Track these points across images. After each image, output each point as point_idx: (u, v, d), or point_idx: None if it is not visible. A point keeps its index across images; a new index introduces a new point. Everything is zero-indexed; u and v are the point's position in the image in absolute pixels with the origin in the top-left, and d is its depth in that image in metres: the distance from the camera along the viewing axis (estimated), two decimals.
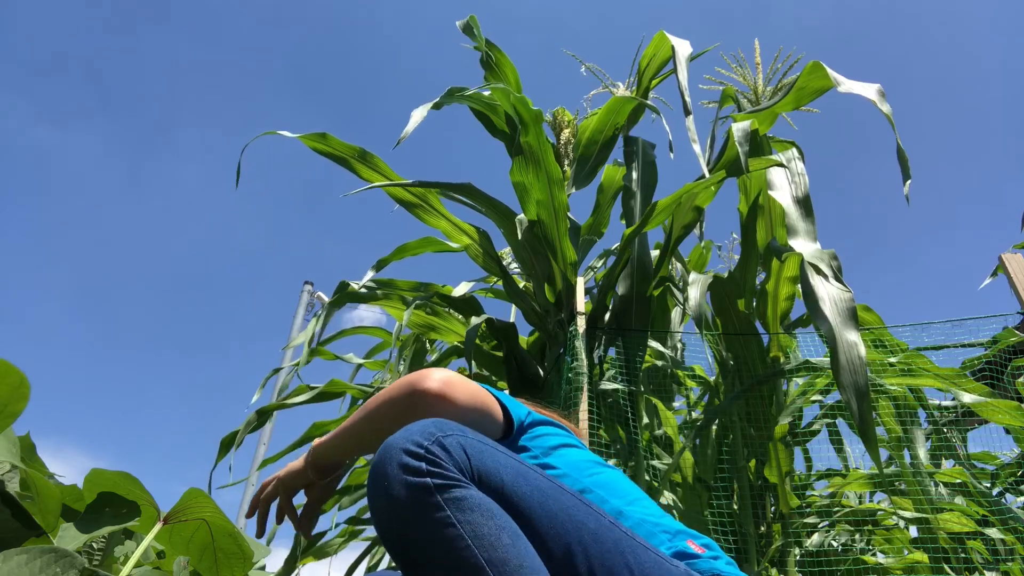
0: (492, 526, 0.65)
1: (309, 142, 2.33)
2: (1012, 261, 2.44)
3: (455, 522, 0.64)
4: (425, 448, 0.68)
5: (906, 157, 1.75)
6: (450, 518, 0.65)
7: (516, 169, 2.14)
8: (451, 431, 0.72)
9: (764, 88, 2.48)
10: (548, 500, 0.72)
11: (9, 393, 0.55)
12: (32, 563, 0.49)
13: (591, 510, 0.74)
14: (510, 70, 2.50)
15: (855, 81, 1.79)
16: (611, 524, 0.73)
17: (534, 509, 0.70)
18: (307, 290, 8.92)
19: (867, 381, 1.45)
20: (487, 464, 0.71)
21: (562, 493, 0.74)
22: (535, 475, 0.75)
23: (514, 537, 0.66)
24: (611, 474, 0.91)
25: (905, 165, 1.76)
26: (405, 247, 2.57)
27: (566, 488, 0.76)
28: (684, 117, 1.85)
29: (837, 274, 1.71)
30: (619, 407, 2.22)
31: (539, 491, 0.72)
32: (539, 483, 0.73)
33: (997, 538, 2.03)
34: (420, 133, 1.87)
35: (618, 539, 0.71)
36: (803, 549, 2.17)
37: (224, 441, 2.48)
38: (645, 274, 2.36)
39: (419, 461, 0.67)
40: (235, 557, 0.63)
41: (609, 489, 0.86)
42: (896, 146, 1.76)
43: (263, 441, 7.25)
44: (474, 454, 0.71)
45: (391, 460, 0.68)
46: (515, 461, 0.75)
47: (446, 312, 2.60)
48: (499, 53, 2.47)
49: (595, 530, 0.71)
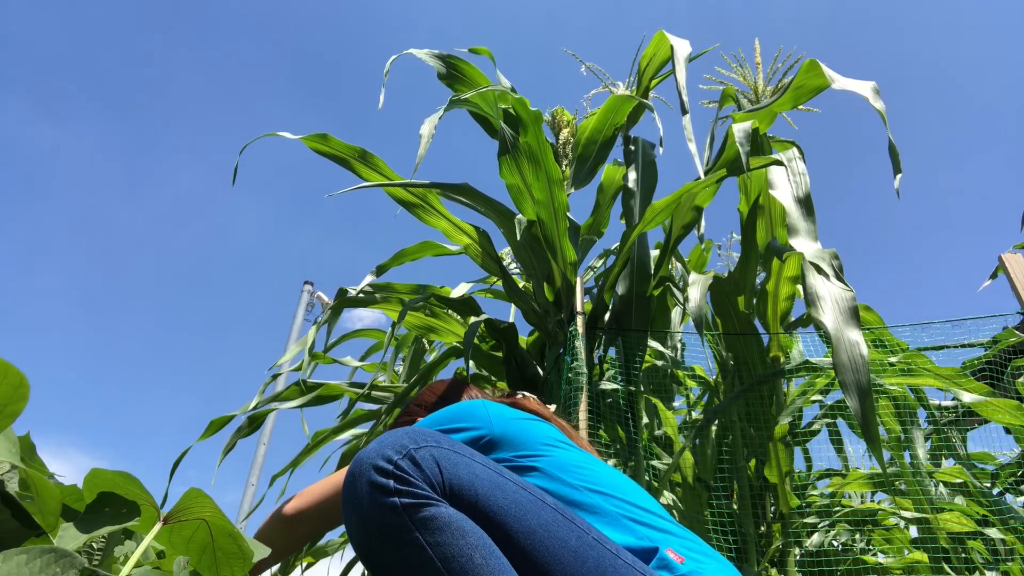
0: (463, 546, 0.63)
1: (310, 143, 2.32)
2: (1012, 261, 2.45)
3: (424, 544, 0.63)
4: (395, 463, 0.66)
5: (897, 152, 1.75)
6: (419, 540, 0.63)
7: (505, 170, 2.12)
8: (425, 442, 0.69)
9: (764, 88, 2.48)
10: (527, 514, 0.69)
11: (9, 393, 0.55)
12: (32, 563, 0.49)
13: (574, 526, 0.71)
14: (479, 76, 2.42)
15: (849, 79, 1.79)
16: (595, 542, 0.70)
17: (511, 524, 0.68)
18: (307, 290, 8.91)
19: (869, 380, 1.44)
20: (461, 476, 0.69)
21: (542, 507, 0.71)
22: (514, 487, 0.72)
23: (487, 556, 0.64)
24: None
25: (896, 159, 1.76)
26: (404, 252, 2.54)
27: (548, 501, 0.73)
28: (681, 116, 1.85)
29: (838, 273, 1.71)
30: (619, 407, 2.22)
31: (517, 505, 0.70)
32: (517, 496, 0.71)
33: (997, 538, 2.03)
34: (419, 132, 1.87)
35: (600, 558, 0.68)
36: (803, 549, 2.17)
37: (214, 423, 2.46)
38: (645, 274, 2.36)
39: (387, 478, 0.65)
40: (235, 557, 0.63)
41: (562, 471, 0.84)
42: (888, 141, 1.76)
43: (263, 441, 7.25)
44: (447, 466, 0.68)
45: (361, 476, 0.66)
46: (493, 472, 0.72)
47: (445, 313, 2.59)
48: (461, 62, 2.39)
49: (576, 548, 0.68)
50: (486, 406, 0.93)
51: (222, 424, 2.47)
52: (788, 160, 2.16)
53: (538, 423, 0.94)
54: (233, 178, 2.23)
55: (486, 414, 0.91)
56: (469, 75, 2.39)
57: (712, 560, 0.78)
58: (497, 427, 0.88)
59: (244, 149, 2.25)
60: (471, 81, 2.39)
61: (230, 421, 2.49)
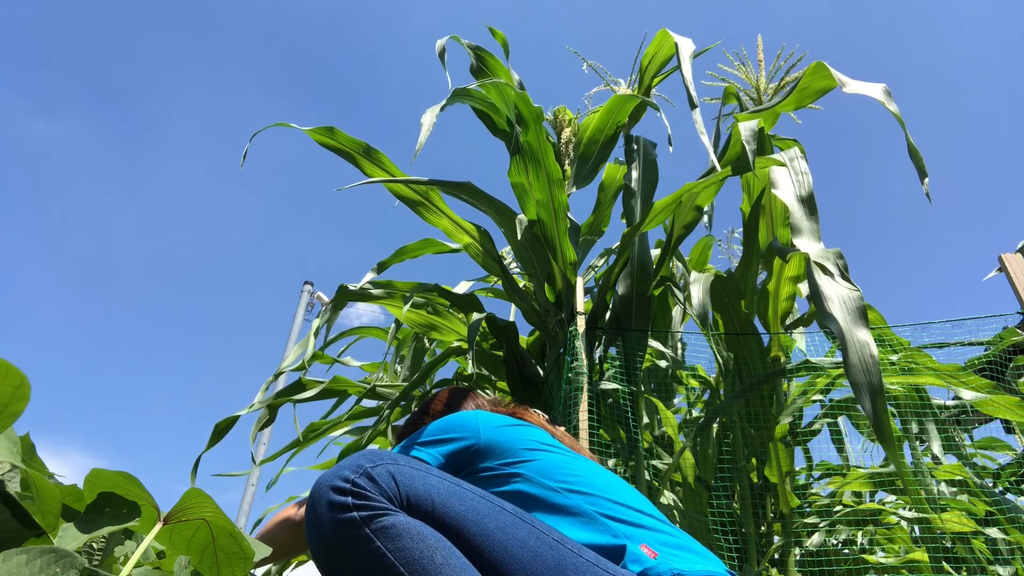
0: (423, 549, 0.66)
1: (316, 136, 2.31)
2: (1012, 261, 2.44)
3: (385, 551, 0.65)
4: (351, 482, 0.69)
5: (919, 154, 1.69)
6: (380, 548, 0.65)
7: (514, 169, 2.13)
8: (381, 461, 0.73)
9: (766, 85, 2.47)
10: (483, 518, 0.72)
11: (10, 394, 0.55)
12: (32, 563, 0.49)
13: (533, 528, 0.74)
14: (503, 72, 2.47)
15: (860, 81, 1.76)
16: (554, 542, 0.73)
17: (468, 527, 0.71)
18: (307, 290, 8.91)
19: (880, 380, 1.42)
20: (417, 488, 0.72)
21: (500, 512, 0.74)
22: (471, 495, 0.75)
23: (447, 555, 0.67)
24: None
25: (919, 162, 1.69)
26: (405, 249, 2.55)
27: (506, 507, 0.76)
28: (690, 111, 1.80)
29: (844, 272, 1.69)
30: (619, 407, 2.22)
31: (474, 510, 0.73)
32: (474, 503, 0.74)
33: (1000, 538, 2.02)
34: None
35: (560, 557, 0.71)
36: (803, 549, 2.17)
37: (218, 427, 2.47)
38: (645, 273, 2.35)
39: (344, 496, 0.68)
40: (236, 557, 0.63)
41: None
42: (907, 144, 1.70)
43: (263, 441, 7.25)
44: (404, 480, 0.72)
45: (321, 499, 0.69)
46: (449, 483, 0.75)
47: (448, 312, 2.59)
48: (490, 57, 2.43)
49: (535, 548, 0.71)
50: (476, 417, 0.97)
51: (227, 427, 2.48)
52: (790, 159, 2.15)
53: (523, 428, 0.98)
54: (242, 160, 2.18)
55: (475, 424, 0.95)
56: (493, 69, 2.41)
57: (689, 553, 0.79)
58: (484, 437, 0.93)
59: (254, 136, 2.20)
60: (495, 77, 2.40)
61: (235, 423, 2.49)
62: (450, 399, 1.24)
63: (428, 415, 1.22)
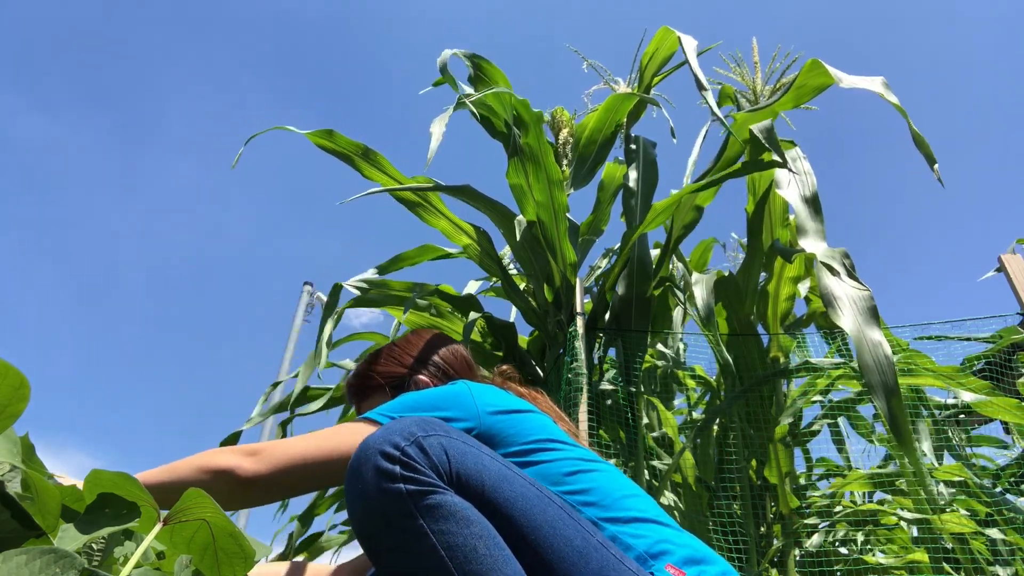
0: (467, 535, 0.63)
1: (315, 139, 2.31)
2: (1011, 261, 2.44)
3: (428, 532, 0.62)
4: (401, 450, 0.65)
5: (925, 141, 1.65)
6: (423, 528, 0.62)
7: (512, 171, 2.13)
8: (434, 431, 0.68)
9: (763, 87, 2.48)
10: (533, 508, 0.68)
11: (9, 394, 0.55)
12: (32, 563, 0.48)
13: (580, 527, 0.70)
14: (501, 78, 2.46)
15: (857, 76, 1.74)
16: (600, 544, 0.69)
17: (516, 517, 0.67)
18: (307, 291, 8.91)
19: (896, 380, 1.39)
20: (468, 466, 0.67)
21: (549, 504, 0.70)
22: (521, 481, 0.71)
23: (491, 546, 0.63)
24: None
25: (926, 149, 1.65)
26: (402, 257, 2.51)
27: (555, 500, 0.72)
28: (699, 93, 1.78)
29: (851, 272, 1.67)
30: (619, 407, 2.22)
31: (523, 498, 0.69)
32: (524, 491, 0.70)
33: (999, 538, 2.02)
34: (423, 131, 1.86)
35: (604, 560, 0.67)
36: (803, 550, 2.17)
37: (222, 444, 2.48)
38: (645, 274, 2.35)
39: (394, 464, 0.64)
40: (236, 557, 0.62)
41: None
42: (912, 133, 1.66)
43: None
44: (456, 455, 0.67)
45: (367, 462, 0.65)
46: (501, 465, 0.71)
47: (451, 314, 2.59)
48: (487, 64, 2.43)
49: (581, 548, 0.67)
50: (472, 393, 0.88)
51: (232, 443, 2.49)
52: (793, 160, 2.15)
53: (530, 417, 0.88)
54: (235, 162, 2.15)
55: (473, 403, 0.86)
56: (491, 76, 2.41)
57: (707, 565, 0.75)
58: (485, 421, 0.84)
59: (251, 140, 2.20)
60: (493, 82, 2.40)
61: (238, 438, 2.50)
62: (426, 348, 1.14)
63: (423, 366, 1.12)
